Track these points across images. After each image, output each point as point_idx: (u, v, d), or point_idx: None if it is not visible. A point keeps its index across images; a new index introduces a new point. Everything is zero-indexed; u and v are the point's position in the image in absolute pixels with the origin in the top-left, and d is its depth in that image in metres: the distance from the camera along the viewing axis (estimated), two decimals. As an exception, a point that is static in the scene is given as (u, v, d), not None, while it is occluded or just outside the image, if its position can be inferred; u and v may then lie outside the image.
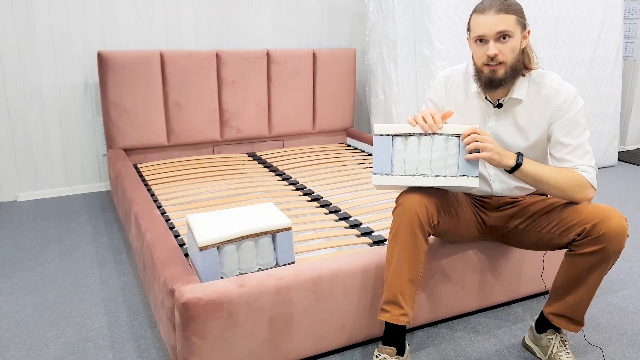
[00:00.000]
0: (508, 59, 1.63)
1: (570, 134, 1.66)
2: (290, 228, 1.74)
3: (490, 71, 1.65)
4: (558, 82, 1.70)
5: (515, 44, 1.63)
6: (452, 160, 1.60)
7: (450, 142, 1.60)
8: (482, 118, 1.78)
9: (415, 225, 1.60)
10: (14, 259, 2.50)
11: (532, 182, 1.63)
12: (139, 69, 3.17)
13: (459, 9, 3.35)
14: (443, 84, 1.86)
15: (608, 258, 1.55)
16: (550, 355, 1.73)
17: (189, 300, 1.49)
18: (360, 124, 4.28)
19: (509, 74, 1.65)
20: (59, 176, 3.41)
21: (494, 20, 1.60)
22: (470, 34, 1.69)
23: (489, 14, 1.61)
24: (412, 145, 1.62)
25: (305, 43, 3.89)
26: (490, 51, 1.61)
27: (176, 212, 2.41)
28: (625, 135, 4.75)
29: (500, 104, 1.73)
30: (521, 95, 1.70)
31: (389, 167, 1.63)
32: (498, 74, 1.64)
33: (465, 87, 1.81)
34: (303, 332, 1.69)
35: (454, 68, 1.87)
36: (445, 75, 1.87)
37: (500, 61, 1.63)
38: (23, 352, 1.79)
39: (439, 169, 1.61)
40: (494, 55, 1.61)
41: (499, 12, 1.60)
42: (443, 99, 1.86)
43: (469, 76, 1.80)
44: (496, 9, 1.60)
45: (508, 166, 1.60)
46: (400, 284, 1.61)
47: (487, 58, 1.63)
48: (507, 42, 1.62)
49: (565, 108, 1.66)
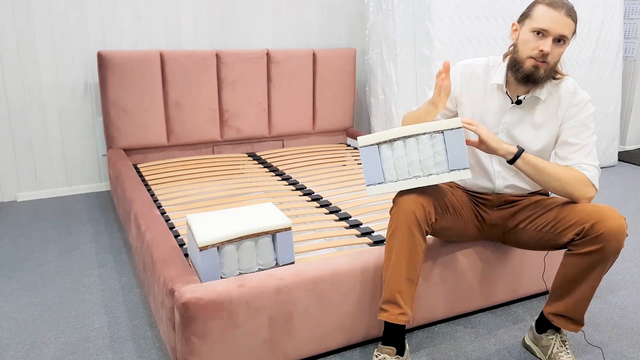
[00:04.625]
0: (553, 62, 1.64)
1: (577, 135, 1.67)
2: (290, 228, 1.74)
3: (534, 66, 1.63)
4: (574, 87, 1.72)
5: (563, 50, 1.65)
6: (440, 157, 1.60)
7: (436, 139, 1.60)
8: (499, 112, 1.77)
9: (413, 224, 1.60)
10: (14, 259, 2.50)
11: (533, 173, 1.63)
12: (139, 69, 3.17)
13: (459, 9, 3.35)
14: (461, 73, 1.83)
15: (607, 258, 1.55)
16: (551, 355, 1.73)
17: (189, 300, 1.49)
18: (360, 124, 4.28)
19: (547, 76, 1.66)
20: (59, 176, 3.41)
21: (564, 21, 1.59)
22: (527, 21, 1.65)
23: (560, 13, 1.59)
24: (399, 150, 1.62)
25: (305, 43, 3.89)
26: (546, 48, 1.60)
27: (176, 212, 2.41)
28: (625, 135, 4.75)
29: (520, 101, 1.73)
30: (543, 95, 1.70)
31: (380, 175, 1.63)
32: (539, 71, 1.64)
33: (485, 79, 1.80)
34: (303, 332, 1.69)
35: (474, 59, 1.85)
36: (464, 64, 1.84)
37: (547, 61, 1.62)
38: (23, 352, 1.79)
39: (430, 168, 1.61)
40: (547, 53, 1.60)
41: (567, 15, 1.60)
42: (458, 86, 1.83)
43: (489, 69, 1.79)
44: (566, 11, 1.60)
45: (509, 152, 1.61)
46: (399, 283, 1.61)
47: (539, 52, 1.61)
48: (560, 46, 1.63)
49: (577, 110, 1.68)
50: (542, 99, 1.70)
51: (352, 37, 4.05)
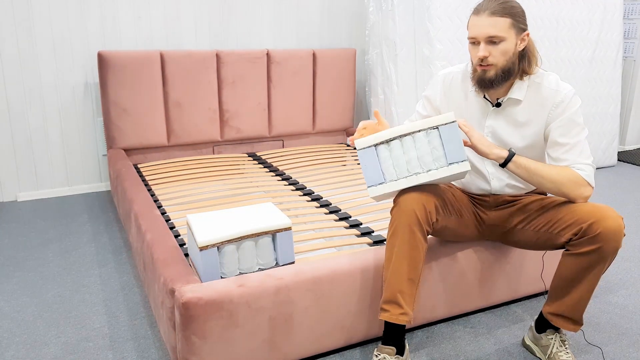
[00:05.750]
0: (499, 62, 1.65)
1: (567, 134, 1.66)
2: (290, 228, 1.74)
3: (482, 71, 1.68)
4: (556, 83, 1.71)
5: (507, 47, 1.64)
6: (438, 152, 1.61)
7: (431, 135, 1.62)
8: (481, 116, 1.79)
9: (414, 224, 1.60)
10: (14, 259, 2.50)
11: (526, 176, 1.63)
12: (139, 69, 3.17)
13: (459, 9, 3.35)
14: (441, 83, 1.88)
15: (605, 258, 1.55)
16: (550, 355, 1.73)
17: (189, 300, 1.49)
18: (360, 124, 4.28)
19: (500, 76, 1.67)
20: (59, 176, 3.41)
21: (486, 23, 1.62)
22: None
23: (482, 17, 1.63)
24: (397, 149, 1.63)
25: (305, 43, 3.89)
26: (480, 53, 1.64)
27: (176, 212, 2.41)
28: (625, 135, 4.75)
29: (499, 103, 1.74)
30: (520, 95, 1.71)
31: (380, 176, 1.64)
32: (488, 75, 1.67)
33: (465, 85, 1.82)
34: (303, 332, 1.69)
35: (454, 67, 1.89)
36: (444, 73, 1.89)
37: (490, 63, 1.65)
38: (23, 352, 1.79)
39: (429, 164, 1.62)
40: (483, 57, 1.64)
41: (492, 15, 1.61)
42: (439, 97, 1.88)
43: (468, 74, 1.81)
44: (490, 11, 1.61)
45: (500, 157, 1.62)
46: (400, 283, 1.61)
47: (478, 60, 1.66)
48: (498, 45, 1.64)
49: (562, 108, 1.67)
50: (521, 99, 1.71)
51: (352, 37, 4.05)
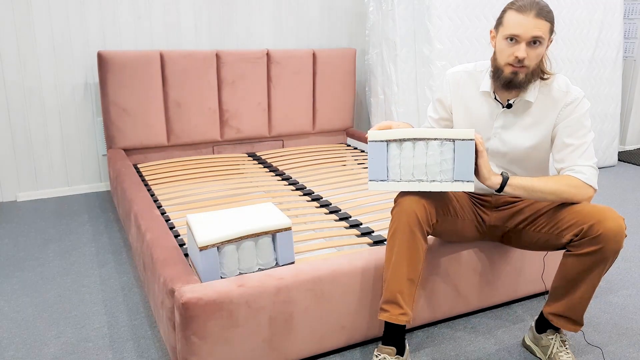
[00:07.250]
0: (532, 64, 1.63)
1: (573, 135, 1.66)
2: (290, 228, 1.74)
3: (512, 72, 1.63)
4: (566, 85, 1.70)
5: (542, 51, 1.63)
6: (447, 165, 1.59)
7: (445, 147, 1.58)
8: (490, 117, 1.77)
9: (414, 225, 1.60)
10: (14, 259, 2.50)
11: (525, 195, 1.62)
12: (139, 69, 3.17)
13: (459, 9, 3.35)
14: (453, 81, 1.85)
15: (606, 258, 1.55)
16: (550, 355, 1.73)
17: (189, 300, 1.49)
18: (360, 124, 4.28)
19: (528, 79, 1.65)
20: (59, 176, 3.41)
21: (533, 23, 1.57)
22: (500, 29, 1.65)
23: (529, 16, 1.57)
24: (407, 151, 1.61)
25: (305, 43, 3.89)
26: (521, 54, 1.59)
27: (176, 212, 2.41)
28: (625, 135, 4.75)
29: (510, 105, 1.73)
30: (532, 97, 1.70)
31: (384, 173, 1.63)
32: (519, 77, 1.63)
33: (473, 85, 1.80)
34: (303, 332, 1.69)
35: (460, 66, 1.85)
36: (452, 72, 1.85)
37: (525, 65, 1.62)
38: (23, 352, 1.79)
39: (434, 174, 1.60)
40: (523, 58, 1.59)
41: (538, 17, 1.57)
42: (450, 96, 1.85)
43: (477, 75, 1.79)
44: (536, 12, 1.57)
45: (495, 184, 1.60)
46: (400, 283, 1.61)
47: (515, 59, 1.61)
48: (536, 48, 1.61)
49: (571, 110, 1.67)
50: (532, 101, 1.70)
51: (352, 37, 4.05)
